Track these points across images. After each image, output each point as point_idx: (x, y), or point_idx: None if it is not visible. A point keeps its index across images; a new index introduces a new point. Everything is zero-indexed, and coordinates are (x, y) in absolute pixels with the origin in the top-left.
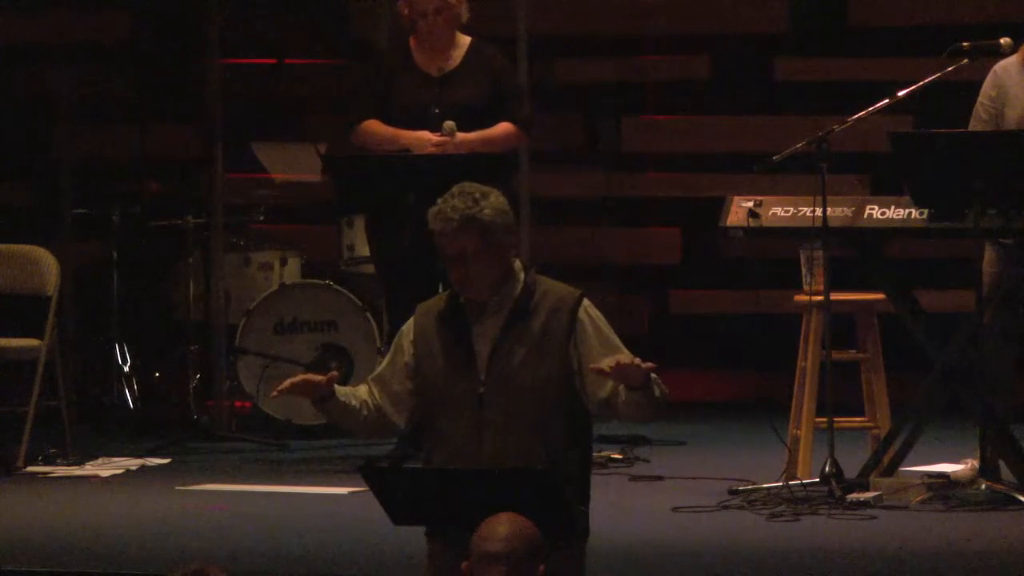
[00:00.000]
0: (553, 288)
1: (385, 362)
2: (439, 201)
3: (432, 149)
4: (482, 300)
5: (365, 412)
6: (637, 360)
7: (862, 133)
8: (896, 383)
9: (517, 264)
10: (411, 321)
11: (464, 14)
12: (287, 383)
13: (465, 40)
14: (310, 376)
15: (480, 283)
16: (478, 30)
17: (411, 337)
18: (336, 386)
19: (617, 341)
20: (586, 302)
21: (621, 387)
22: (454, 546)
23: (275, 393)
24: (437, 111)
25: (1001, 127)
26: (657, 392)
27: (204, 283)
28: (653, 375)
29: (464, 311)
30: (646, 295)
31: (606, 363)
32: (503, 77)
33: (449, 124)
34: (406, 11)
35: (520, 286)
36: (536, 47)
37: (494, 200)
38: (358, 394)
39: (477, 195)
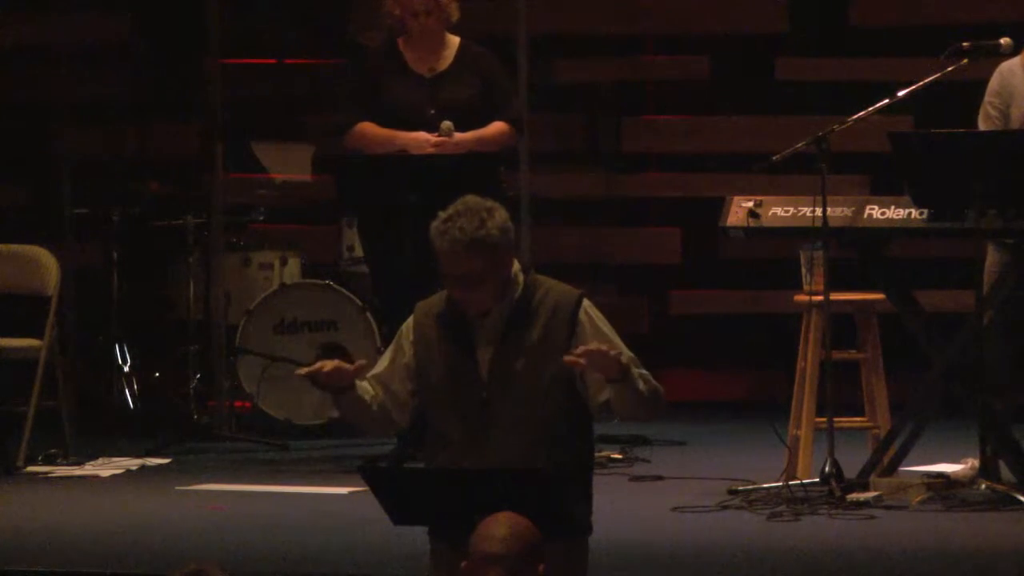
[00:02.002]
0: (553, 289)
1: (385, 361)
2: (443, 217)
3: (431, 149)
4: None
5: (375, 408)
6: (606, 347)
7: (862, 133)
8: (896, 383)
9: (516, 266)
10: (410, 321)
11: (454, 14)
12: (319, 364)
13: (455, 40)
14: (342, 364)
15: (483, 300)
16: (478, 30)
17: (411, 338)
18: None
19: (617, 340)
20: (586, 302)
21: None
22: (458, 545)
23: (303, 372)
24: (433, 112)
25: (1008, 127)
26: (641, 385)
27: (204, 283)
28: (642, 371)
29: (464, 313)
30: (646, 295)
31: (578, 351)
32: (493, 76)
33: (447, 124)
34: (396, 11)
35: (520, 289)
36: (536, 47)
37: (499, 218)
38: (367, 389)
39: (483, 214)
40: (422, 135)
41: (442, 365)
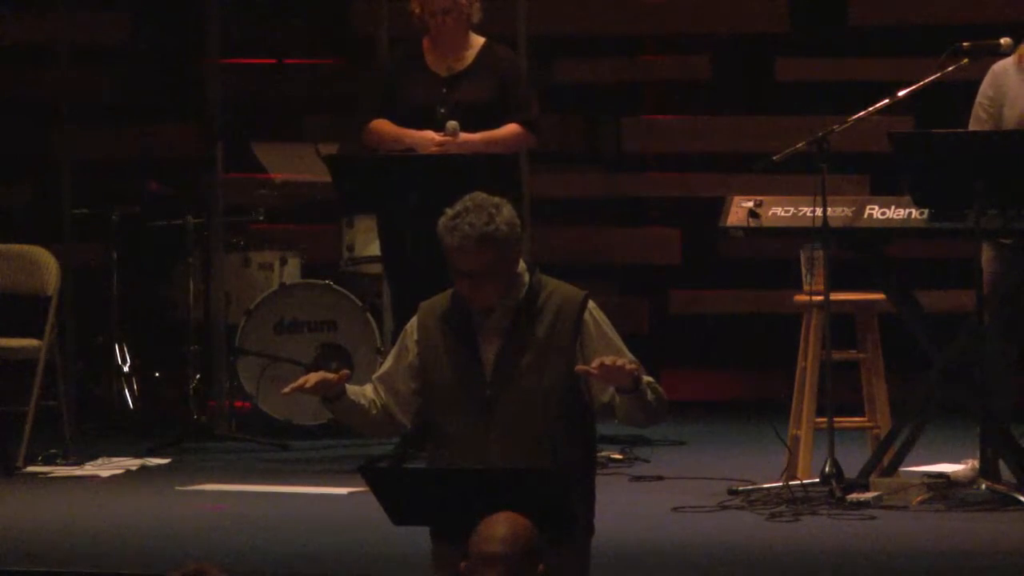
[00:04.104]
0: (558, 289)
1: (389, 361)
2: (450, 214)
3: (435, 149)
4: None
5: (374, 412)
6: (622, 361)
7: (862, 133)
8: (896, 383)
9: (521, 265)
10: (414, 320)
11: (476, 14)
12: (302, 380)
13: (478, 41)
14: (325, 374)
15: (490, 296)
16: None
17: (415, 337)
18: (346, 385)
19: (620, 344)
20: (591, 304)
21: (614, 391)
22: (458, 545)
23: (288, 390)
24: (443, 111)
25: (1000, 127)
26: (649, 396)
27: (204, 283)
28: (648, 378)
29: (469, 312)
30: (646, 295)
31: (593, 363)
32: (511, 78)
33: (452, 124)
34: (418, 10)
35: (525, 288)
36: (536, 47)
37: (507, 213)
38: (366, 393)
39: (491, 209)
40: (428, 134)
41: (446, 364)
